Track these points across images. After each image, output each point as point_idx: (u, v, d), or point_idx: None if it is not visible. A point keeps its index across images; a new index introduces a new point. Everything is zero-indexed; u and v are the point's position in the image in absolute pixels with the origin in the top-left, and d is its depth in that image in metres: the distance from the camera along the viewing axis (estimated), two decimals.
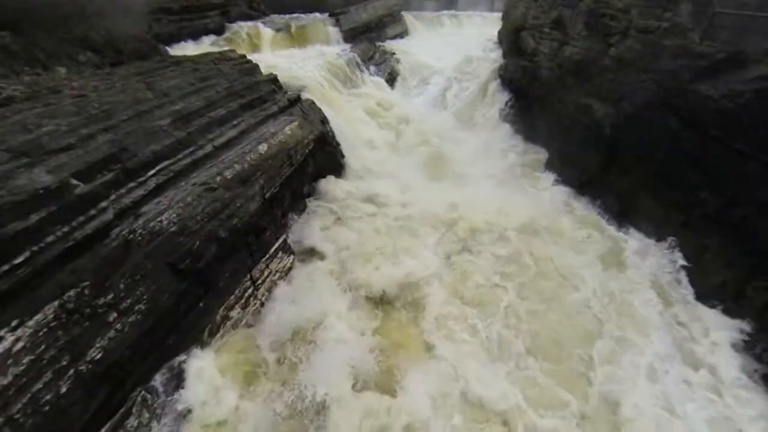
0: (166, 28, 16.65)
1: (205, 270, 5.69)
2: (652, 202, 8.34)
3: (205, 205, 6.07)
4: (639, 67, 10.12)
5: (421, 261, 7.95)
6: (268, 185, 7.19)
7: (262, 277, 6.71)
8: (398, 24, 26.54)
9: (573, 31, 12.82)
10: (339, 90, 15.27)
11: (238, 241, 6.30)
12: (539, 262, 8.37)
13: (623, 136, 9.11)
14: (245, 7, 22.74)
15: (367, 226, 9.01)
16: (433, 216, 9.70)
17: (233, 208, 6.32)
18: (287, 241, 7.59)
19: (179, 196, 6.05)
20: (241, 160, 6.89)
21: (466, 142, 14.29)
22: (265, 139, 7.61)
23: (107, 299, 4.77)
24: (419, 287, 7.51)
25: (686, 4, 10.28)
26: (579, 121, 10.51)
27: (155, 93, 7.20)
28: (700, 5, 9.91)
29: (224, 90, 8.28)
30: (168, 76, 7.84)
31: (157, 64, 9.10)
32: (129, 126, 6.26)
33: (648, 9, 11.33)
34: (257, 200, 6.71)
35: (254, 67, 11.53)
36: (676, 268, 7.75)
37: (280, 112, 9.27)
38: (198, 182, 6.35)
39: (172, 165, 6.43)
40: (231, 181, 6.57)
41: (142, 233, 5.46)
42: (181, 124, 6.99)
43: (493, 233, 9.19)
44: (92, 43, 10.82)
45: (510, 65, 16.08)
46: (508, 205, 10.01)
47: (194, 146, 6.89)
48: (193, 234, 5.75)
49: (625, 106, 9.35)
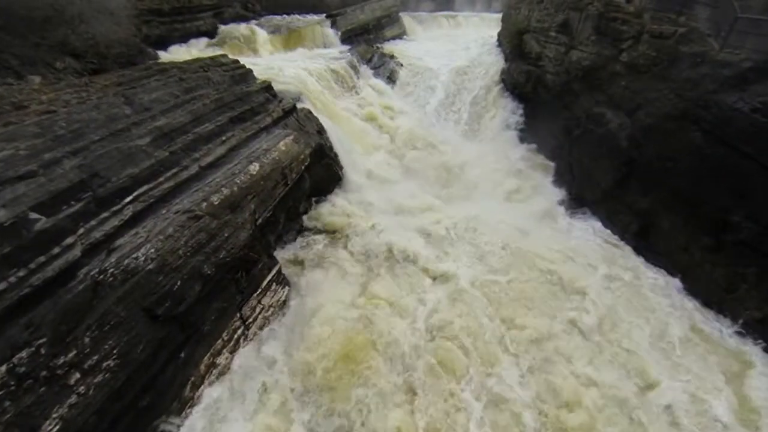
0: (157, 30, 15.78)
1: (188, 313, 4.96)
2: (675, 224, 7.66)
3: (188, 237, 5.32)
4: (654, 74, 9.45)
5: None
6: (261, 210, 6.44)
7: (253, 315, 5.98)
8: (396, 25, 25.75)
9: (581, 36, 12.12)
10: (337, 95, 14.48)
11: (226, 277, 5.57)
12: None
13: (642, 150, 8.41)
14: (240, 8, 21.84)
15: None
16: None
17: (221, 239, 5.58)
18: (281, 272, 6.86)
19: (159, 227, 5.30)
20: (229, 182, 6.14)
21: (467, 151, 13.55)
22: (257, 158, 6.85)
23: (68, 358, 4.04)
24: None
25: (704, 9, 9.61)
26: (591, 132, 9.81)
27: (134, 108, 6.42)
28: (719, 10, 9.26)
29: (212, 102, 7.51)
30: (150, 88, 7.05)
31: (141, 72, 8.29)
32: (102, 147, 5.49)
33: (662, 13, 10.66)
34: (248, 228, 5.97)
35: (247, 72, 10.76)
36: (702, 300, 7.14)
37: (274, 124, 8.50)
38: (181, 209, 5.60)
39: (151, 190, 5.68)
40: (218, 207, 5.82)
41: (115, 273, 4.72)
42: (163, 143, 6.23)
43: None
44: (72, 48, 9.98)
45: (513, 69, 15.37)
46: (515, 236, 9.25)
47: (177, 167, 6.13)
48: (174, 272, 5.01)
49: (641, 116, 8.67)
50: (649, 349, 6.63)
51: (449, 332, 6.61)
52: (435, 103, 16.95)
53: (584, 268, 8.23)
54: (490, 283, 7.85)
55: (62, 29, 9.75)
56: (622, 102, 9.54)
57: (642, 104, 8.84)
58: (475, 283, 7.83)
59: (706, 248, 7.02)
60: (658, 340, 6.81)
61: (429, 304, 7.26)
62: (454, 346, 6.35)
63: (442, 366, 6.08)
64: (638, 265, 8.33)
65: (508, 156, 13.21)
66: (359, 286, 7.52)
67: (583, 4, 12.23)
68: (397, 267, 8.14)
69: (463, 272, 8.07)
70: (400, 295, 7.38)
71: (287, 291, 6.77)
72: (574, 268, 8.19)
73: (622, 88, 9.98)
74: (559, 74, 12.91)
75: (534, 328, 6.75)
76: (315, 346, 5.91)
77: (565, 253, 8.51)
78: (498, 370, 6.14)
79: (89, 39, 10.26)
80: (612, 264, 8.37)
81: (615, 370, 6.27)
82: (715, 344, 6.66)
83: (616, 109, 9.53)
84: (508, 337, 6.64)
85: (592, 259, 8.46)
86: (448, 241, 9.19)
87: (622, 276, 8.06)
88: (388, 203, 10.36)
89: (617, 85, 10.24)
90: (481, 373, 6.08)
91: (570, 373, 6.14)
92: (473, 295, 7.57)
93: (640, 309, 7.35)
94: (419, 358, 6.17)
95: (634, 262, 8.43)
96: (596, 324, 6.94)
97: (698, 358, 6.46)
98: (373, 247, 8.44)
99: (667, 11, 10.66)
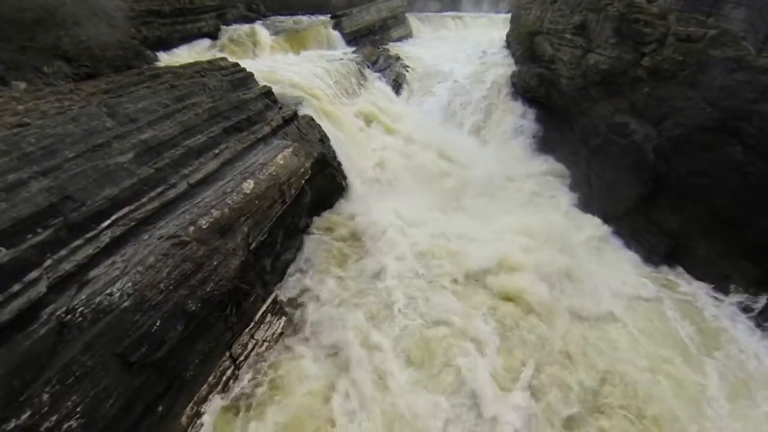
0: (157, 32, 15.16)
1: (167, 358, 4.32)
2: (713, 248, 6.91)
3: (171, 267, 4.68)
4: (682, 80, 8.66)
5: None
6: (255, 232, 5.79)
7: (245, 353, 5.33)
8: (402, 26, 25.00)
9: (599, 38, 11.32)
10: (341, 99, 13.80)
11: (214, 313, 4.92)
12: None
13: (672, 164, 7.64)
14: (243, 8, 21.22)
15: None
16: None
17: (209, 268, 4.92)
18: (278, 300, 6.21)
19: (139, 255, 4.66)
20: (221, 203, 5.48)
21: (476, 158, 12.80)
22: (252, 174, 6.18)
23: (22, 420, 3.41)
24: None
25: (738, 9, 8.80)
26: (613, 143, 9.03)
27: (118, 119, 5.78)
28: (755, 10, 8.45)
29: (206, 111, 6.86)
30: (138, 96, 6.42)
31: (132, 78, 7.67)
32: (76, 166, 4.86)
33: (688, 14, 9.84)
34: (240, 255, 5.32)
35: (247, 77, 10.13)
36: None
37: (272, 133, 7.84)
38: (165, 234, 4.95)
39: (133, 212, 5.04)
40: (207, 231, 5.17)
41: (85, 312, 4.09)
42: (148, 158, 5.59)
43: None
44: (64, 51, 9.39)
45: (524, 72, 14.59)
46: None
47: (163, 185, 5.48)
48: (154, 309, 4.36)
49: (670, 126, 7.90)
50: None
51: None
52: (442, 107, 16.19)
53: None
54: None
55: (53, 32, 9.16)
56: (647, 110, 8.76)
57: (669, 113, 8.06)
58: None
59: (753, 279, 6.27)
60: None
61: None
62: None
63: None
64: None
65: (519, 163, 12.46)
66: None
67: (602, 5, 11.42)
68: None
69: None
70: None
71: (284, 321, 6.11)
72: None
73: (645, 95, 9.20)
74: (574, 78, 12.12)
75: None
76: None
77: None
78: None
79: (82, 42, 9.67)
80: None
81: None
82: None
83: (640, 118, 8.75)
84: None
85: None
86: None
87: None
88: (393, 217, 9.63)
89: (640, 92, 9.45)
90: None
91: None
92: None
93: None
94: None
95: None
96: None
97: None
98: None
99: (694, 12, 9.85)
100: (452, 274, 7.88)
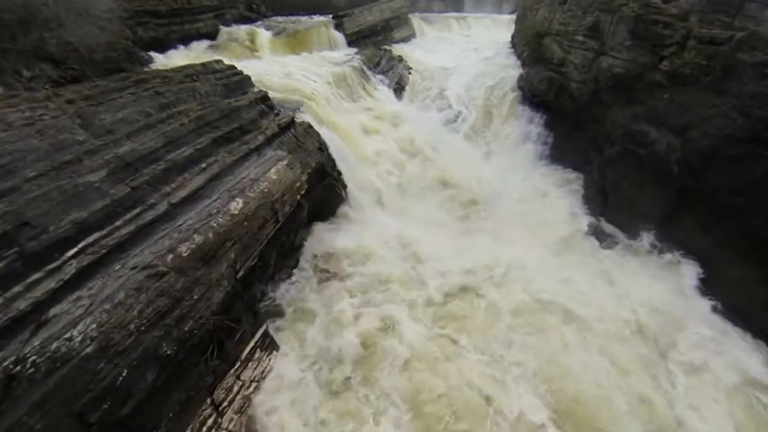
0: (153, 32, 14.53)
1: (135, 414, 3.69)
2: (750, 274, 6.24)
3: (144, 305, 4.05)
4: (705, 86, 7.96)
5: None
6: (243, 258, 5.15)
7: (229, 397, 4.68)
8: (405, 26, 24.31)
9: (613, 40, 10.61)
10: (341, 103, 13.15)
11: (192, 357, 4.30)
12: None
13: (700, 179, 6.96)
14: (243, 8, 20.58)
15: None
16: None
17: (188, 303, 4.29)
18: (268, 333, 5.58)
19: (108, 290, 4.04)
20: (204, 227, 4.84)
21: (482, 166, 12.14)
22: (241, 191, 5.54)
23: None
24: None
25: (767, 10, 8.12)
26: (632, 153, 8.34)
27: (92, 131, 5.15)
28: None
29: (193, 121, 6.22)
30: (117, 105, 5.78)
31: (117, 83, 7.00)
32: (38, 187, 4.23)
33: (711, 15, 9.13)
34: (224, 286, 4.69)
35: (244, 80, 9.51)
36: None
37: (267, 143, 7.20)
38: (139, 264, 4.32)
39: (104, 238, 4.42)
40: (188, 259, 4.54)
41: (38, 362, 3.46)
42: (124, 176, 4.96)
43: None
44: (48, 53, 8.79)
45: (532, 76, 13.88)
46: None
47: (141, 206, 4.85)
48: (121, 356, 3.74)
49: (695, 136, 7.21)
50: None
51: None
52: (446, 111, 15.54)
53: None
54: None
55: (36, 33, 8.55)
56: (667, 118, 8.08)
57: (694, 122, 7.38)
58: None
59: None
60: None
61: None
62: None
63: None
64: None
65: (528, 171, 11.79)
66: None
67: (616, 6, 10.71)
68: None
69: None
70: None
71: (275, 357, 5.47)
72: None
73: (665, 101, 8.51)
74: (585, 82, 11.43)
75: None
76: None
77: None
78: None
79: (68, 43, 9.05)
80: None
81: None
82: None
83: (660, 126, 8.07)
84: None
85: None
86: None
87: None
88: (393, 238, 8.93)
89: (659, 98, 8.76)
90: None
91: None
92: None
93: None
94: None
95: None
96: None
97: None
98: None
99: (717, 13, 9.13)
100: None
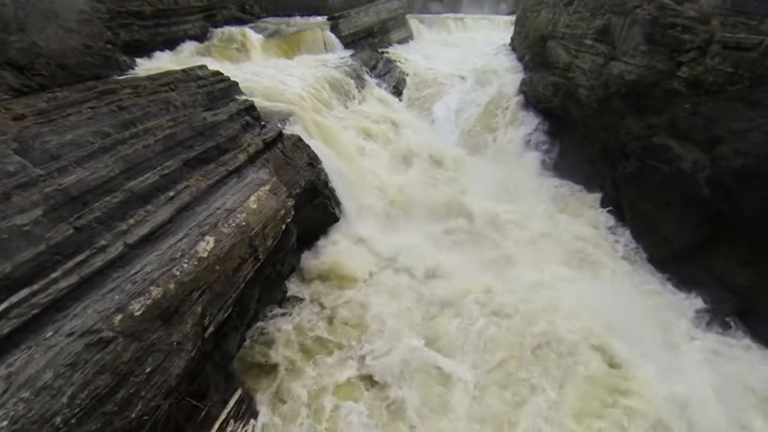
0: (137, 35, 13.50)
1: None
2: None
3: (78, 386, 3.15)
4: (733, 96, 7.14)
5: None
6: (213, 310, 4.24)
7: None
8: (402, 28, 23.37)
9: (625, 45, 9.75)
10: (336, 110, 12.24)
11: None
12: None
13: (737, 203, 6.12)
14: (236, 9, 19.52)
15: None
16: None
17: (136, 380, 3.39)
18: (244, 398, 4.67)
19: (32, 368, 3.14)
20: (165, 275, 3.93)
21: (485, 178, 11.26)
22: (214, 226, 4.64)
23: None
24: None
25: None
26: (654, 170, 7.49)
27: (32, 157, 4.23)
28: None
29: (160, 141, 5.29)
30: (68, 124, 4.85)
31: (79, 94, 6.08)
32: None
33: (734, 18, 8.31)
34: (188, 350, 3.79)
35: (230, 87, 8.62)
36: None
37: (249, 162, 6.28)
38: (78, 329, 3.42)
39: (34, 296, 3.51)
40: (142, 320, 3.63)
41: None
42: (68, 213, 4.04)
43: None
44: (10, 59, 7.83)
45: (536, 81, 13.02)
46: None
47: (87, 251, 3.94)
48: None
49: (727, 153, 6.38)
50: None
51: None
52: (446, 117, 14.66)
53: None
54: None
55: None
56: (692, 132, 7.24)
57: (725, 137, 6.55)
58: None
59: None
60: None
61: None
62: None
63: None
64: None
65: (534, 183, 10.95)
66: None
67: (629, 8, 9.83)
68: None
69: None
70: None
71: (252, 428, 4.58)
72: None
73: (687, 112, 7.67)
74: (594, 89, 10.57)
75: None
76: None
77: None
78: None
79: (32, 48, 8.10)
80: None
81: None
82: None
83: (684, 140, 7.23)
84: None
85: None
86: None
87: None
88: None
89: (679, 108, 7.92)
90: None
91: None
92: None
93: None
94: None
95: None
96: None
97: None
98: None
99: (741, 16, 8.31)
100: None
